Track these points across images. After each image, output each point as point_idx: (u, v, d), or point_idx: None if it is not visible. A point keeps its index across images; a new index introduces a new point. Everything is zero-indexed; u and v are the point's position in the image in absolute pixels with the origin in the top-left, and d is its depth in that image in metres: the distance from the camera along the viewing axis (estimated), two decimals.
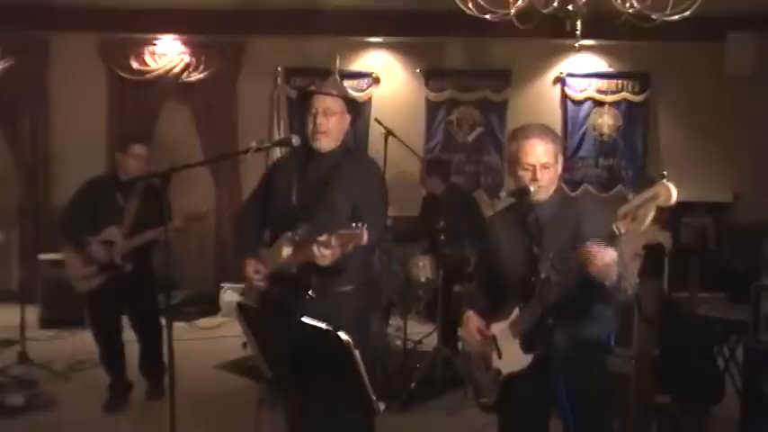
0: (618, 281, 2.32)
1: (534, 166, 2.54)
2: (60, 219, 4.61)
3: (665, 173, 2.09)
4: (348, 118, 3.14)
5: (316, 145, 3.07)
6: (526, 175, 2.55)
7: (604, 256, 2.19)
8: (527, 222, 2.57)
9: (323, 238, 2.71)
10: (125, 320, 4.74)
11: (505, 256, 2.67)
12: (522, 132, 2.59)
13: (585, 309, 2.50)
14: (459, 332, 2.79)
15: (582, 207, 2.63)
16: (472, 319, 2.72)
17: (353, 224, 2.65)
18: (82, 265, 4.41)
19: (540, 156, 2.54)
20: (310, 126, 3.07)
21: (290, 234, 3.03)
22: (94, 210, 4.43)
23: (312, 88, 3.26)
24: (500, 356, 2.64)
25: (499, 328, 2.62)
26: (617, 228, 2.17)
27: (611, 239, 2.19)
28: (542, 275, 2.41)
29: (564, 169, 2.69)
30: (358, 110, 3.24)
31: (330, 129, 3.05)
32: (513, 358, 2.58)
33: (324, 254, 2.73)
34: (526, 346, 2.53)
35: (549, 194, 2.60)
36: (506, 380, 2.63)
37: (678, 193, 2.07)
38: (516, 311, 2.56)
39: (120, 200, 4.43)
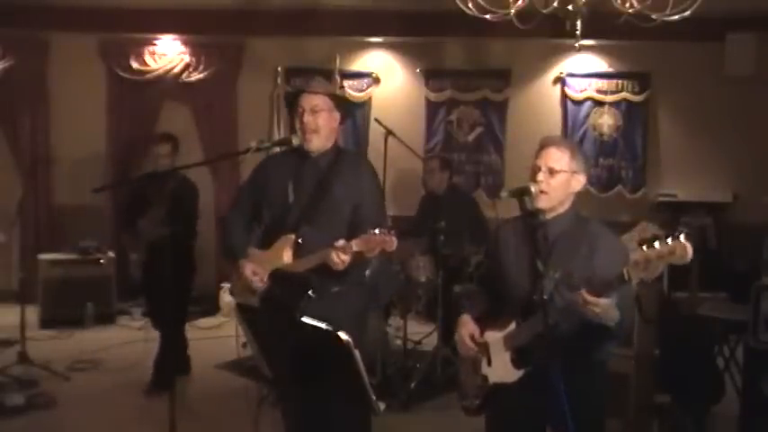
0: (620, 319, 2.31)
1: (540, 168, 2.52)
2: None
3: (685, 231, 2.07)
4: (337, 116, 3.10)
5: (307, 145, 3.04)
6: (532, 176, 2.54)
7: (599, 309, 2.21)
8: (536, 237, 2.53)
9: (340, 243, 2.72)
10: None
11: (509, 268, 2.63)
12: (543, 140, 2.59)
13: (585, 337, 2.43)
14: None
15: (597, 234, 2.51)
16: (466, 325, 2.70)
17: (377, 230, 2.65)
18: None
19: (549, 160, 2.51)
20: (298, 126, 3.04)
21: (291, 236, 3.01)
22: (137, 204, 4.97)
23: (297, 89, 3.27)
24: (489, 364, 2.62)
25: (493, 337, 2.61)
26: (627, 273, 2.14)
27: (620, 282, 2.17)
28: (545, 296, 2.38)
29: None
30: (347, 107, 3.19)
31: (319, 126, 3.02)
32: (502, 369, 2.57)
33: (342, 259, 2.76)
34: (518, 362, 2.51)
35: (560, 212, 2.56)
36: (492, 389, 2.62)
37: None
38: (513, 326, 2.54)
39: (154, 195, 4.81)
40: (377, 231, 2.65)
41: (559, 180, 2.52)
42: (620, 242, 2.55)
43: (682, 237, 2.04)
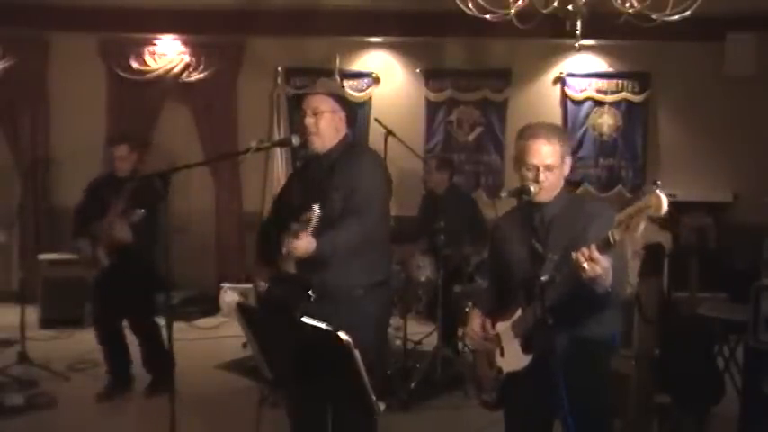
0: (612, 286, 2.31)
1: (537, 168, 2.52)
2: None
3: (658, 182, 2.09)
4: (342, 115, 3.09)
5: (311, 147, 3.07)
6: (528, 176, 2.53)
7: (595, 266, 2.20)
8: (533, 222, 2.57)
9: (293, 228, 2.76)
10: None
11: (511, 256, 2.66)
12: (529, 131, 2.57)
13: (586, 310, 2.48)
14: (461, 331, 2.81)
15: (591, 209, 2.57)
16: (476, 318, 2.74)
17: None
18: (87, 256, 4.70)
19: (545, 157, 2.52)
20: (302, 129, 3.06)
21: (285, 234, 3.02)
22: (92, 207, 4.67)
23: (301, 92, 3.30)
24: (502, 355, 2.65)
25: (503, 327, 2.64)
26: (612, 235, 2.17)
27: (606, 246, 2.19)
28: (546, 277, 2.41)
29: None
30: (351, 107, 3.19)
31: (321, 128, 3.03)
32: (513, 357, 2.59)
33: (294, 245, 2.78)
34: (526, 347, 2.54)
35: (554, 195, 2.58)
36: (507, 378, 2.64)
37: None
38: (519, 312, 2.57)
39: (113, 198, 4.56)
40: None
41: (558, 172, 2.56)
42: (613, 216, 2.56)
43: (657, 190, 2.06)
